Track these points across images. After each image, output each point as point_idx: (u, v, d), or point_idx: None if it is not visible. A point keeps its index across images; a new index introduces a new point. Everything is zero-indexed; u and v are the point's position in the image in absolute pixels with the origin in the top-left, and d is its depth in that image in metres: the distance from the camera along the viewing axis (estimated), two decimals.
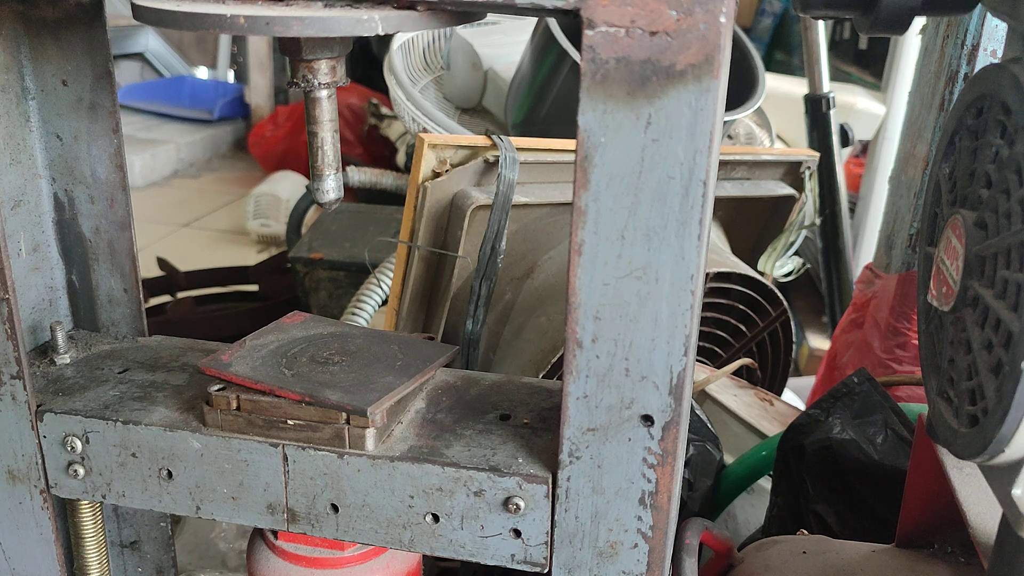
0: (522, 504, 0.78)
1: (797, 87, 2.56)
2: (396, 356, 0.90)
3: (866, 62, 3.40)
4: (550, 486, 0.77)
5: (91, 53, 0.91)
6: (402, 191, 2.73)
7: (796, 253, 2.02)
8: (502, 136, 1.44)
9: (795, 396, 1.92)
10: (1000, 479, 0.73)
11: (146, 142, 5.69)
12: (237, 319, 2.74)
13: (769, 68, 2.88)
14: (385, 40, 3.48)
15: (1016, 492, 0.70)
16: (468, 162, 1.45)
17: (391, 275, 1.92)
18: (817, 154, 2.01)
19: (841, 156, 2.42)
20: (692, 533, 0.96)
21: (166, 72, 6.72)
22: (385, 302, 1.96)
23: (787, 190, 1.92)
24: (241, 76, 6.53)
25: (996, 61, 0.81)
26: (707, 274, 1.55)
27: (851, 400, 1.18)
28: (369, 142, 4.78)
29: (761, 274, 1.80)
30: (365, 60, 5.20)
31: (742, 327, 1.70)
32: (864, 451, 1.15)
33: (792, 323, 1.71)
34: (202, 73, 6.82)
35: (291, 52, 0.76)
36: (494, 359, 1.47)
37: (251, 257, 4.32)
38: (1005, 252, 0.69)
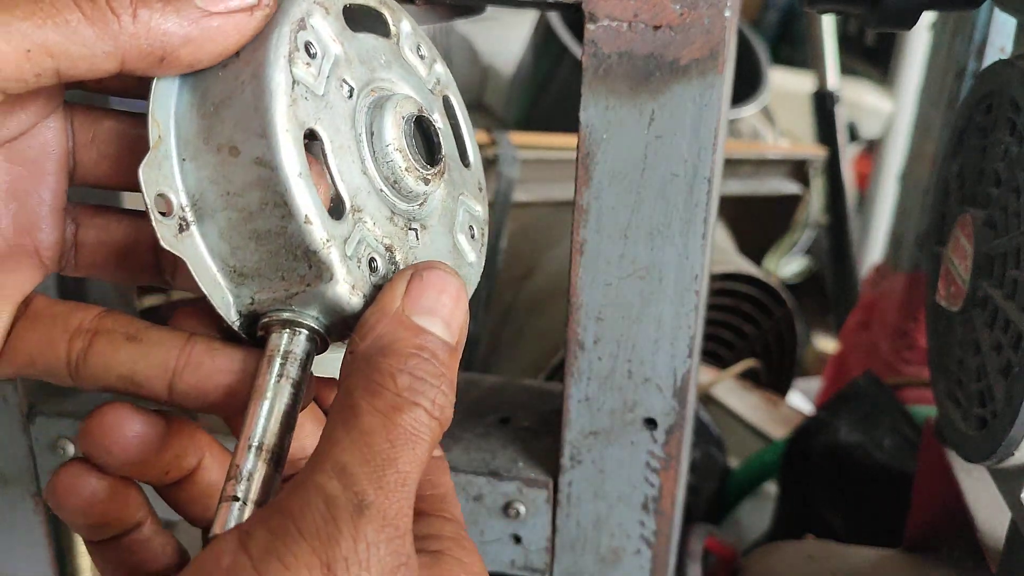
0: (522, 509, 0.77)
1: (805, 83, 2.55)
2: None
3: (874, 58, 3.39)
4: (551, 491, 0.76)
5: None
6: None
7: (807, 252, 2.01)
8: (502, 133, 1.43)
9: (802, 397, 1.91)
10: (1009, 483, 0.73)
11: None
12: None
13: (778, 62, 2.87)
14: None
15: None
16: None
17: None
18: (823, 152, 2.00)
19: (847, 154, 2.41)
20: (696, 538, 0.95)
21: None
22: None
23: (793, 188, 1.91)
24: None
25: (1005, 57, 0.80)
26: (712, 275, 1.54)
27: (858, 403, 1.17)
28: None
29: (767, 274, 1.79)
30: None
31: (747, 328, 1.69)
32: (871, 454, 1.14)
33: (798, 324, 1.70)
34: None
35: None
36: (494, 361, 1.46)
37: None
38: (1015, 252, 0.68)
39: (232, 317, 0.49)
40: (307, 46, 0.47)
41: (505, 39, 2.24)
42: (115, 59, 0.44)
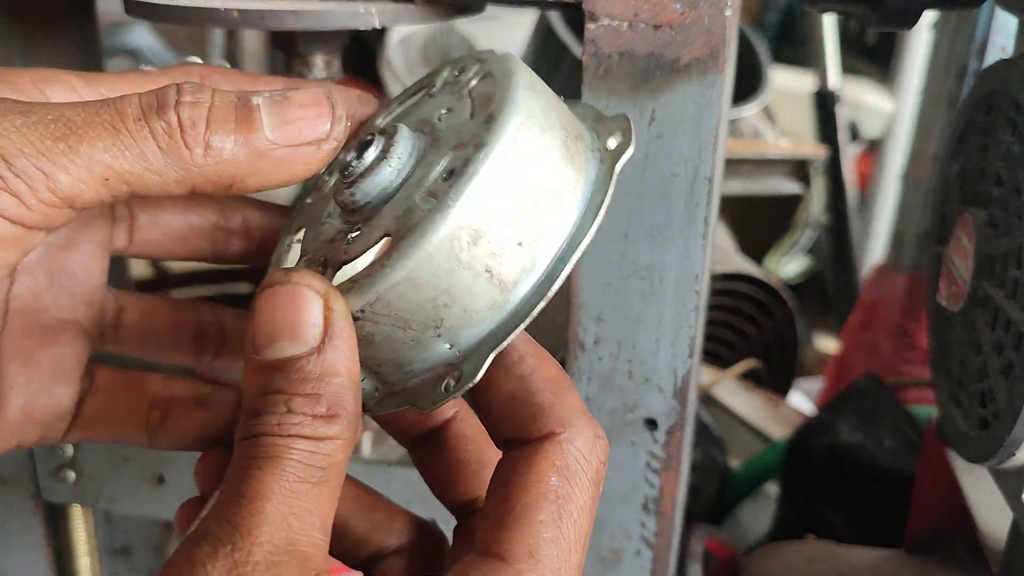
0: None
1: (806, 82, 2.55)
2: None
3: (875, 57, 3.38)
4: None
5: (83, 49, 0.89)
6: None
7: (808, 252, 2.00)
8: None
9: (803, 398, 1.91)
10: (1010, 483, 0.73)
11: None
12: None
13: (778, 62, 2.87)
14: (380, 31, 3.47)
15: None
16: None
17: None
18: (824, 151, 2.00)
19: (848, 154, 2.40)
20: (697, 539, 0.95)
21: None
22: None
23: (794, 188, 1.91)
24: None
25: (1007, 56, 0.80)
26: (712, 275, 1.53)
27: (859, 403, 1.17)
28: None
29: (768, 274, 1.78)
30: (352, 49, 5.17)
31: (748, 328, 1.69)
32: (872, 455, 1.13)
33: (799, 324, 1.70)
34: None
35: (285, 46, 0.75)
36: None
37: None
38: (1016, 252, 0.68)
39: None
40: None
41: (505, 39, 2.23)
42: (186, 185, 0.47)
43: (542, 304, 0.47)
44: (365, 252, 0.49)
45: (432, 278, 0.46)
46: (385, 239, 0.48)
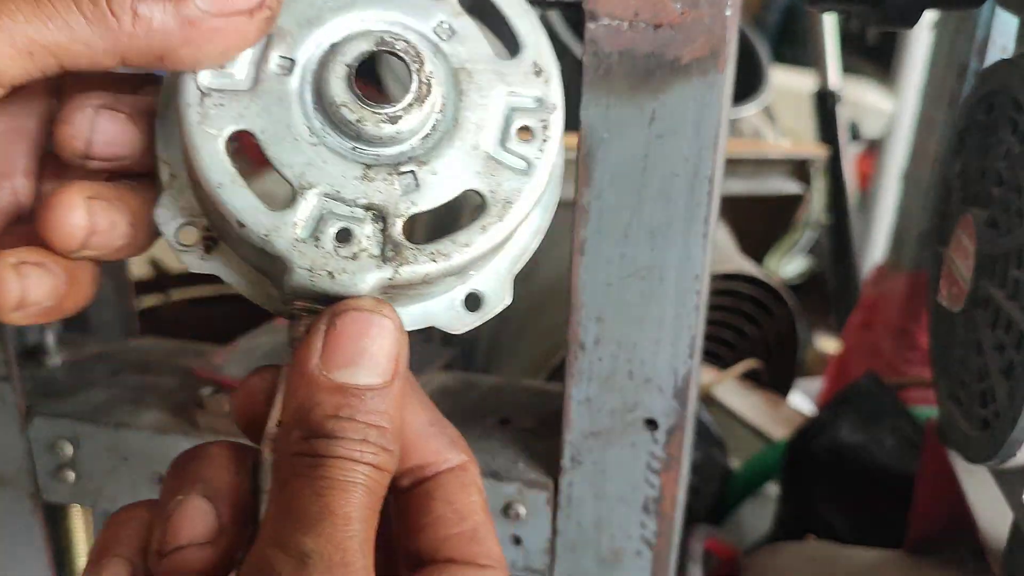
0: (522, 511, 0.76)
1: (807, 82, 2.55)
2: None
3: (876, 57, 3.38)
4: (551, 492, 0.76)
5: None
6: None
7: (808, 252, 2.00)
8: None
9: (804, 398, 1.91)
10: (1011, 483, 0.73)
11: None
12: (230, 321, 2.71)
13: (779, 62, 2.86)
14: None
15: None
16: None
17: None
18: (825, 151, 1.99)
19: (848, 153, 2.40)
20: (697, 539, 0.95)
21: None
22: None
23: (795, 188, 1.90)
24: None
25: (1007, 56, 0.80)
26: (713, 274, 1.53)
27: (860, 403, 1.17)
28: None
29: (768, 274, 1.78)
30: None
31: (749, 328, 1.69)
32: (873, 455, 1.13)
33: (800, 324, 1.70)
34: None
35: None
36: (494, 361, 1.45)
37: None
38: (1017, 252, 0.68)
39: (278, 309, 0.50)
40: None
41: None
42: (115, 56, 0.45)
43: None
44: (440, 202, 0.49)
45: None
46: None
